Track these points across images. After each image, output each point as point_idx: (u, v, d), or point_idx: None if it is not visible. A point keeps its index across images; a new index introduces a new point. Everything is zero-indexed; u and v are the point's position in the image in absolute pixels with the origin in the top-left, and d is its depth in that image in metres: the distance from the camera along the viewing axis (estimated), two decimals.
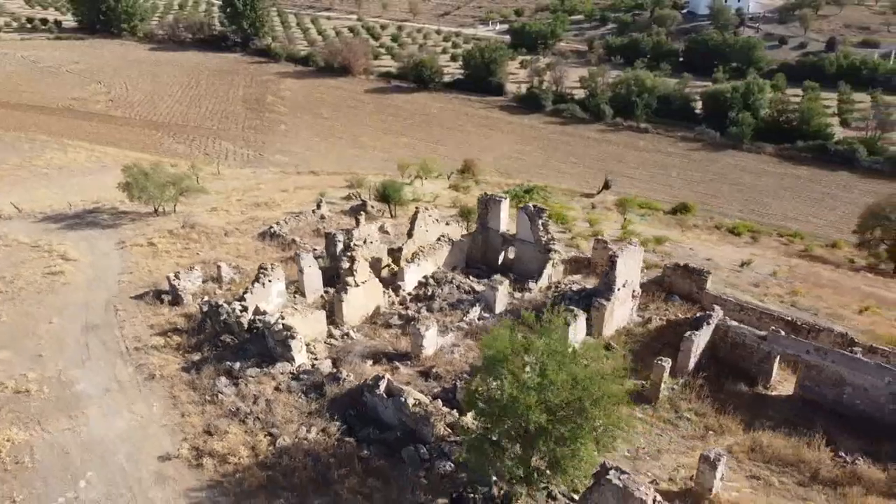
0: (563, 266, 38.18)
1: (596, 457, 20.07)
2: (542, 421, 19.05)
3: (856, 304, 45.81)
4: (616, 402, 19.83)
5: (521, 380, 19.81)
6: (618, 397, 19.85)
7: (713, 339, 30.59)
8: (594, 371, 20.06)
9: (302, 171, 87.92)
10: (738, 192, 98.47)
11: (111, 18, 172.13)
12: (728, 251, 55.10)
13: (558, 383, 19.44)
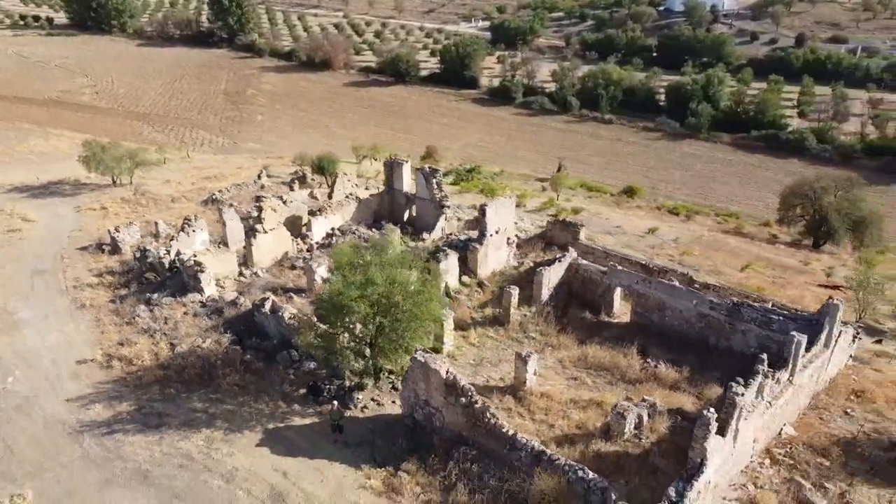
0: (466, 224, 43.06)
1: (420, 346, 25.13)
2: (363, 311, 24.02)
3: (741, 263, 50.71)
4: (426, 299, 24.79)
5: (349, 280, 24.80)
6: (427, 296, 24.80)
7: (568, 277, 35.49)
8: (408, 276, 25.04)
9: (271, 156, 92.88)
10: (690, 178, 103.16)
11: (102, 15, 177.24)
12: (641, 222, 59.85)
13: (377, 281, 24.41)
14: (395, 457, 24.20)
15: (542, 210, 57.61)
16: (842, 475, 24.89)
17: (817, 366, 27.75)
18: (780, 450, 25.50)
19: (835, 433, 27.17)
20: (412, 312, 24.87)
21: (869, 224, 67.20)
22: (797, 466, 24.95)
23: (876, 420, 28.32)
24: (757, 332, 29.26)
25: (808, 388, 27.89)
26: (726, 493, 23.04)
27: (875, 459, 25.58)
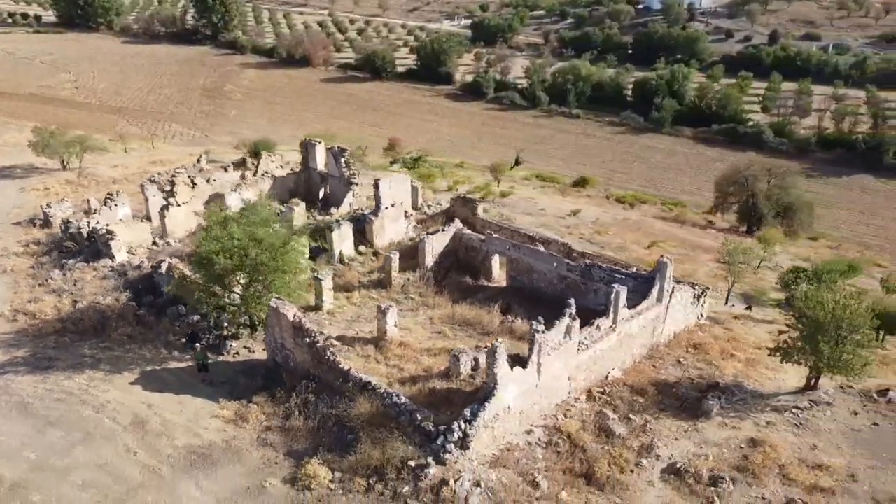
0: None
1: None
2: (222, 262, 27.07)
3: (650, 242, 53.71)
4: (282, 252, 27.84)
5: (211, 235, 27.89)
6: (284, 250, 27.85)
7: (454, 245, 38.51)
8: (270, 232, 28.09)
9: (238, 147, 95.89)
10: (647, 170, 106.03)
11: (89, 13, 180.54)
12: (568, 206, 62.71)
13: (236, 236, 27.46)
14: (251, 392, 27.24)
15: (472, 193, 60.47)
16: (652, 410, 27.86)
17: (650, 318, 30.69)
18: (599, 389, 28.45)
19: (661, 377, 30.16)
20: (270, 265, 27.89)
21: (797, 210, 69.87)
22: (611, 402, 27.94)
23: (704, 368, 31.31)
24: (605, 290, 32.17)
25: (642, 339, 30.84)
26: (536, 421, 26.00)
27: (686, 397, 28.57)
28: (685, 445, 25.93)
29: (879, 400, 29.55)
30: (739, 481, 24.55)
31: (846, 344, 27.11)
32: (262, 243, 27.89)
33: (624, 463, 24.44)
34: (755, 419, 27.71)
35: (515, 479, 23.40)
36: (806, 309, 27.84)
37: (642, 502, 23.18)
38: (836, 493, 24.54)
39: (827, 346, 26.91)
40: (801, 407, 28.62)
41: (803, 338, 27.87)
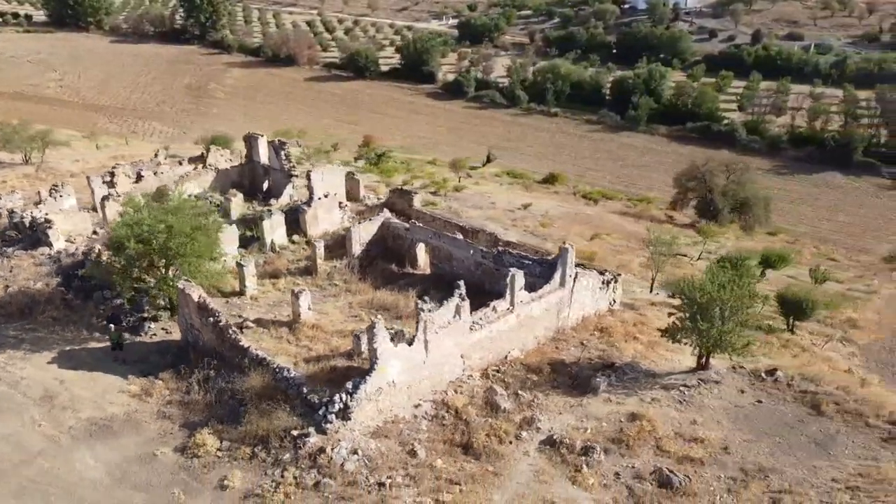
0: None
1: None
2: (132, 246, 28.48)
3: (592, 234, 55.08)
4: (192, 239, 29.24)
5: (123, 221, 29.33)
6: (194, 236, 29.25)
7: (382, 234, 39.89)
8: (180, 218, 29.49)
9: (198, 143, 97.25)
10: (620, 167, 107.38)
11: (78, 12, 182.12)
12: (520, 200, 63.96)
13: (146, 222, 28.87)
14: (159, 369, 28.62)
15: (426, 188, 61.89)
16: (544, 387, 29.21)
17: (553, 301, 32.03)
18: (496, 368, 29.81)
19: (560, 358, 31.49)
20: (179, 250, 29.32)
21: (752, 206, 71.17)
22: (504, 380, 29.30)
23: (605, 349, 32.65)
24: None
25: (546, 322, 32.17)
26: (426, 396, 27.35)
27: (578, 375, 29.90)
28: (567, 419, 27.26)
29: (767, 379, 30.88)
30: (613, 452, 25.89)
31: (725, 324, 28.39)
32: (171, 229, 29.26)
33: (504, 434, 25.77)
34: (641, 396, 29.03)
35: (395, 448, 24.76)
36: (688, 292, 29.16)
37: (513, 469, 24.50)
38: (705, 463, 25.87)
39: (706, 325, 28.21)
40: (689, 385, 29.95)
41: (687, 319, 29.18)
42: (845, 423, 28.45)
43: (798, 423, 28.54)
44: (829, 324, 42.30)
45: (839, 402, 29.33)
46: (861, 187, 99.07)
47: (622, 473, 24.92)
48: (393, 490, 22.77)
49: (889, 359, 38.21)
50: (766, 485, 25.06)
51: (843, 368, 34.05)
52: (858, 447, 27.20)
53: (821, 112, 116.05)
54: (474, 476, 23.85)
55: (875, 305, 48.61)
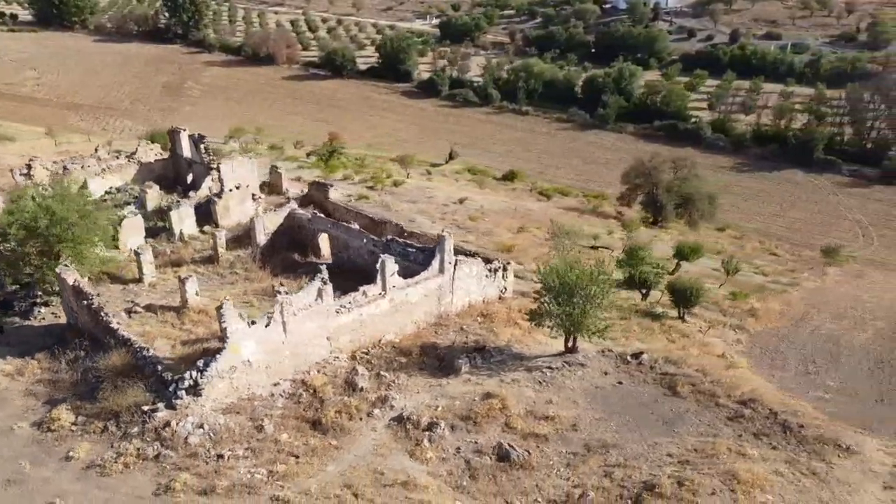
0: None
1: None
2: (14, 232, 29.70)
3: (519, 227, 56.21)
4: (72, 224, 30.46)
5: (7, 209, 30.56)
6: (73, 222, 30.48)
7: (290, 224, 41.09)
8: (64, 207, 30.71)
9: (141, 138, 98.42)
10: (583, 165, 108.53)
11: (63, 12, 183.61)
12: (459, 194, 65.11)
13: (27, 210, 30.09)
14: (38, 350, 29.80)
15: (364, 182, 63.05)
16: (411, 369, 30.35)
17: (432, 287, 33.17)
18: (365, 350, 30.96)
19: (435, 342, 32.63)
20: (62, 236, 30.54)
21: (696, 201, 72.25)
22: (371, 361, 30.44)
23: (483, 334, 33.79)
24: (401, 262, 34.65)
25: (425, 307, 33.31)
26: (287, 375, 28.50)
27: (446, 357, 31.02)
28: (422, 398, 28.39)
29: (632, 362, 32.01)
30: (460, 428, 27.02)
31: (575, 307, 29.50)
32: (54, 216, 30.47)
33: (355, 411, 26.91)
34: (503, 377, 30.16)
35: (245, 423, 25.92)
36: (545, 278, 30.31)
37: (356, 443, 25.64)
38: (549, 439, 27.00)
39: (561, 309, 29.35)
40: (553, 367, 31.09)
41: (548, 303, 30.31)
42: (697, 402, 29.55)
43: (652, 403, 29.65)
44: (730, 313, 43.32)
45: (696, 383, 30.44)
46: (820, 185, 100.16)
47: (463, 448, 26.02)
48: (230, 461, 23.90)
49: (776, 345, 39.27)
50: (603, 459, 26.16)
51: (717, 353, 35.10)
52: (703, 425, 28.32)
53: (786, 111, 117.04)
54: (315, 449, 24.99)
55: (789, 297, 49.66)
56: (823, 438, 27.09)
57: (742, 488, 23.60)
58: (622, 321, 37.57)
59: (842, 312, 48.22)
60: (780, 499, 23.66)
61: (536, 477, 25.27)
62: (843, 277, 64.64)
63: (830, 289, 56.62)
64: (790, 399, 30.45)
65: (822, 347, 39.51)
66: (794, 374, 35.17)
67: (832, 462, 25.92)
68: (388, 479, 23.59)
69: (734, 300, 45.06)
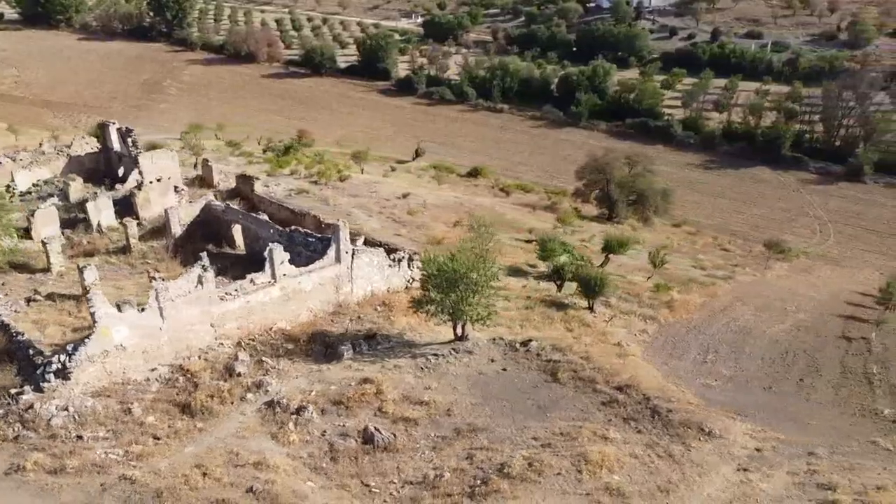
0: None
1: None
2: None
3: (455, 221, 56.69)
4: None
5: None
6: None
7: (207, 216, 41.58)
8: None
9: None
10: (550, 162, 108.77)
11: (49, 10, 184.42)
12: (403, 189, 65.53)
13: None
14: None
15: (310, 177, 63.53)
16: (296, 356, 30.86)
17: (328, 276, 33.64)
18: (251, 337, 31.43)
19: (329, 329, 33.11)
20: None
21: (649, 197, 72.66)
22: (256, 348, 30.92)
23: (379, 322, 34.30)
24: (302, 251, 35.22)
25: (321, 295, 33.79)
26: (166, 360, 28.98)
27: (333, 344, 31.48)
28: (299, 383, 28.87)
29: (520, 349, 32.46)
30: (331, 412, 27.51)
31: (454, 294, 29.96)
32: None
33: (227, 396, 27.40)
34: (386, 363, 30.64)
35: (113, 406, 26.41)
36: (425, 267, 30.79)
37: (222, 425, 26.12)
38: (419, 423, 27.47)
39: (439, 296, 29.81)
40: (439, 354, 31.57)
41: (430, 291, 30.78)
42: (575, 388, 30.03)
43: (531, 389, 30.11)
44: (648, 304, 43.70)
45: (577, 370, 30.92)
46: (786, 181, 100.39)
47: (329, 431, 26.49)
48: (90, 442, 24.37)
49: (683, 335, 39.64)
50: (470, 443, 26.63)
51: (613, 342, 35.52)
52: (577, 410, 28.79)
53: (757, 108, 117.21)
54: (178, 431, 25.48)
55: (717, 290, 50.07)
56: (689, 423, 27.52)
57: (589, 469, 24.04)
58: (527, 310, 37.99)
59: (767, 305, 48.65)
60: (627, 479, 24.08)
61: (399, 459, 25.72)
62: (788, 272, 65.17)
63: (767, 283, 57.08)
64: (670, 386, 30.89)
65: (729, 338, 39.90)
66: (689, 363, 35.58)
67: (691, 445, 26.34)
68: (242, 460, 24.03)
69: (656, 292, 45.38)
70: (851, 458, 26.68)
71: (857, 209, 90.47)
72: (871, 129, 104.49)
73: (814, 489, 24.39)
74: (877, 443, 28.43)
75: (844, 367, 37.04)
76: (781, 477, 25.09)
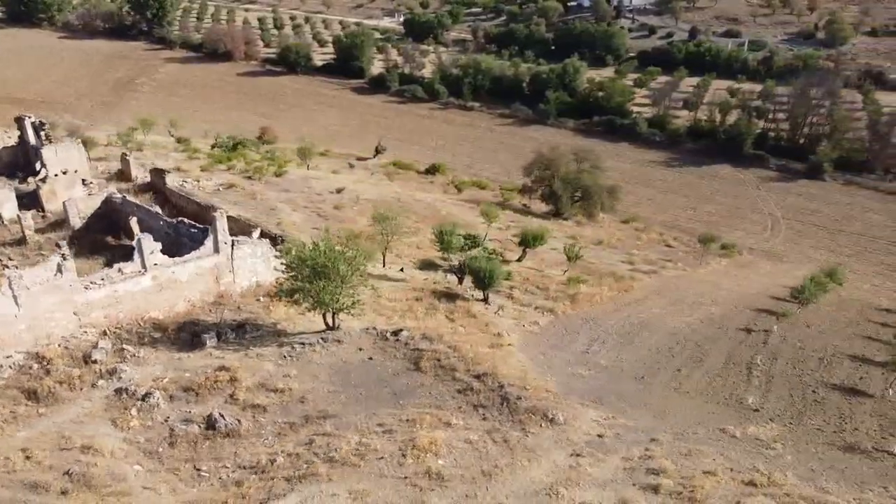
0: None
1: None
2: None
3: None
4: None
5: None
6: None
7: (107, 208, 41.90)
8: None
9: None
10: (512, 159, 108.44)
11: (32, 9, 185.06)
12: (339, 184, 65.77)
13: None
14: None
15: (244, 172, 63.80)
16: (162, 344, 31.14)
17: (206, 266, 33.91)
18: (118, 326, 31.70)
19: (205, 319, 33.38)
20: None
21: (593, 193, 72.89)
22: (119, 336, 31.19)
23: (258, 312, 34.67)
24: (187, 242, 35.49)
25: (200, 286, 34.05)
26: (23, 347, 29.26)
27: (198, 333, 31.74)
28: (154, 371, 29.15)
29: (390, 339, 32.69)
30: (180, 398, 27.79)
31: (317, 284, 30.21)
32: None
33: (78, 382, 27.67)
34: (249, 352, 30.89)
35: None
36: (286, 258, 31.06)
37: (64, 411, 26.40)
38: (269, 410, 27.76)
39: (301, 285, 30.09)
40: (307, 343, 31.83)
41: (297, 280, 31.04)
42: (435, 376, 30.25)
43: (392, 377, 30.36)
44: (553, 297, 43.89)
45: (441, 358, 31.10)
46: (745, 179, 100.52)
47: (172, 417, 26.76)
48: None
49: (576, 327, 39.76)
50: (315, 429, 26.86)
51: (494, 332, 35.73)
52: (431, 397, 29.05)
53: (726, 106, 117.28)
54: (18, 417, 25.76)
55: (633, 284, 50.25)
56: (534, 410, 27.75)
57: (415, 453, 24.25)
58: (417, 301, 38.23)
59: (682, 299, 48.88)
60: (453, 462, 24.30)
61: (240, 445, 25.98)
62: (726, 268, 65.37)
63: (694, 277, 57.31)
64: (532, 375, 31.07)
65: (624, 330, 40.06)
66: (570, 354, 35.75)
67: (530, 431, 26.57)
68: (70, 444, 24.29)
69: (567, 285, 45.59)
70: (693, 445, 26.87)
71: (813, 206, 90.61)
72: (834, 127, 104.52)
73: (642, 474, 24.59)
74: (726, 430, 28.63)
75: (730, 358, 37.21)
76: (614, 462, 25.29)
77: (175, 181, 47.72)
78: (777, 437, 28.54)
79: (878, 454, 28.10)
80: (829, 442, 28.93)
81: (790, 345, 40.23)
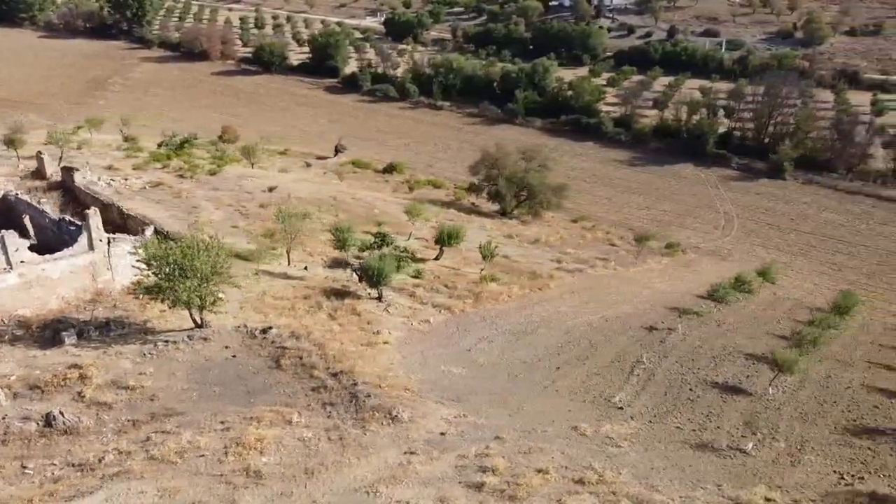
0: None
1: None
2: None
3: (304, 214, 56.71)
4: None
5: None
6: None
7: (4, 206, 41.85)
8: None
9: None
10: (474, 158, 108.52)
11: (12, 8, 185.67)
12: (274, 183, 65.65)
13: None
14: None
15: (178, 170, 63.76)
16: (23, 341, 31.08)
17: (80, 264, 33.81)
18: None
19: (76, 317, 33.26)
20: None
21: (538, 192, 72.71)
22: None
23: (132, 310, 34.50)
24: (68, 241, 35.39)
25: (74, 283, 33.96)
26: None
27: (59, 331, 31.66)
28: (3, 368, 29.03)
29: (258, 337, 32.57)
30: (24, 396, 27.72)
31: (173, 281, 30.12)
32: None
33: None
34: (109, 350, 30.80)
35: None
36: (142, 255, 30.96)
37: None
38: (114, 408, 27.71)
39: (160, 283, 30.02)
40: (171, 341, 31.73)
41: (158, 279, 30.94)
42: (294, 375, 30.17)
43: (251, 375, 30.25)
44: (456, 295, 43.68)
45: (303, 356, 30.99)
46: (706, 178, 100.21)
47: (11, 414, 26.66)
48: None
49: (469, 325, 39.41)
50: (156, 427, 26.75)
51: (374, 331, 35.57)
52: (285, 395, 29.02)
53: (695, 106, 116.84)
54: None
55: (549, 282, 50.06)
56: (379, 408, 27.62)
57: (237, 451, 24.12)
58: (305, 299, 38.10)
59: (595, 298, 48.68)
60: (278, 461, 24.16)
61: (76, 442, 25.88)
62: (665, 266, 65.14)
63: (620, 276, 57.09)
64: (394, 374, 30.92)
65: (519, 328, 39.82)
66: (450, 351, 35.56)
67: (370, 429, 26.45)
68: None
69: (477, 284, 45.42)
70: (536, 443, 26.71)
71: (769, 205, 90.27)
72: (797, 126, 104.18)
73: (472, 472, 24.45)
74: (577, 428, 28.46)
75: (618, 356, 36.99)
76: (448, 460, 25.13)
77: (103, 179, 47.71)
78: (630, 435, 28.35)
79: (729, 452, 27.92)
80: (683, 440, 28.73)
81: (688, 343, 39.98)
